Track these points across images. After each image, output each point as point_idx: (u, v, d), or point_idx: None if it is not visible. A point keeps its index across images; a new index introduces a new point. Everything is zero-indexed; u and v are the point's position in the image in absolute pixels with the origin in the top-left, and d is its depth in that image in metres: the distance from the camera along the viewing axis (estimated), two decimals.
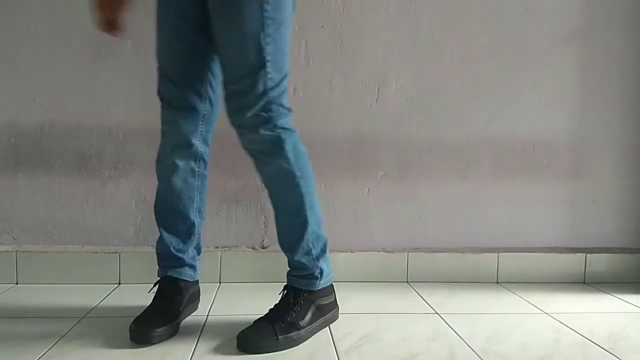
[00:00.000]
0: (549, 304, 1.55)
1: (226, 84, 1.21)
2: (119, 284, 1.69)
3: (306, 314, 1.26)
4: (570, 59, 1.81)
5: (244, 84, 1.17)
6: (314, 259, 1.28)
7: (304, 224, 1.26)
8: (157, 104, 1.68)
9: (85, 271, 1.67)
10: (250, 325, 1.22)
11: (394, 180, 1.78)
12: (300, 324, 1.24)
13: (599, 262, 1.81)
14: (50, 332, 1.27)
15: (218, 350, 1.18)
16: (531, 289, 1.71)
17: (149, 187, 1.71)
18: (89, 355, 1.14)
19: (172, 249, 1.35)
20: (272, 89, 1.17)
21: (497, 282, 1.79)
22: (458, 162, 1.79)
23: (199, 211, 1.39)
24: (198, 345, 1.20)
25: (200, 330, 1.30)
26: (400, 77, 1.76)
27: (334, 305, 1.35)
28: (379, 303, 1.54)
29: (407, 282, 1.76)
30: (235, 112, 1.21)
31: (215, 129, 1.66)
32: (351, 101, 1.75)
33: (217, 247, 1.73)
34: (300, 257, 1.28)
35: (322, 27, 1.71)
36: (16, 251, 1.67)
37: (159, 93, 1.33)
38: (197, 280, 1.42)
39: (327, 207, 1.74)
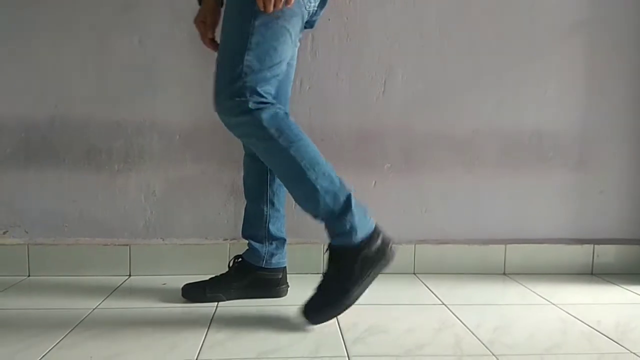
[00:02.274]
0: (556, 295, 1.56)
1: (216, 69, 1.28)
2: (129, 275, 1.71)
3: (353, 271, 1.25)
4: (576, 51, 1.80)
5: (222, 67, 1.25)
6: (337, 218, 1.26)
7: (311, 189, 1.24)
8: (164, 98, 1.71)
9: (96, 263, 1.70)
10: (310, 296, 1.29)
11: (400, 172, 1.78)
12: (350, 282, 1.25)
13: (607, 254, 1.81)
14: (62, 323, 1.28)
15: (227, 340, 1.19)
16: (538, 280, 1.71)
17: (158, 180, 1.73)
18: (100, 346, 1.16)
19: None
20: (248, 75, 1.21)
21: (504, 274, 1.79)
22: (464, 154, 1.79)
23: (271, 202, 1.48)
24: (207, 336, 1.22)
25: (209, 321, 1.31)
26: (406, 70, 1.75)
27: (384, 245, 1.29)
28: (386, 294, 1.54)
29: (413, 273, 1.77)
30: (214, 95, 1.26)
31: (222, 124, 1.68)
32: (357, 94, 1.75)
33: (225, 239, 1.75)
34: (325, 219, 1.28)
35: (329, 20, 1.70)
36: (28, 244, 1.70)
37: None
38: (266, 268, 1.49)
39: None
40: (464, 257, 1.77)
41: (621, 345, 1.19)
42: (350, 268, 1.26)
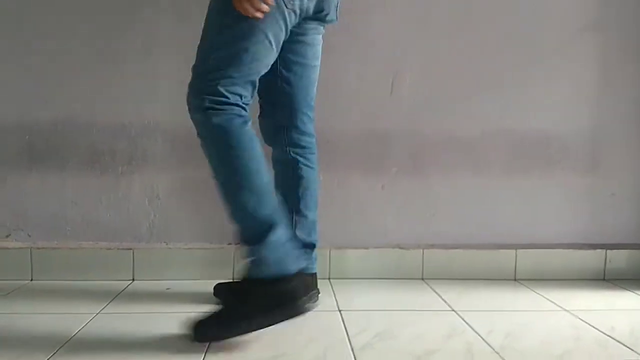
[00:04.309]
0: (569, 301, 1.53)
1: None
2: (133, 280, 1.69)
3: (246, 301, 1.17)
4: (585, 52, 1.77)
5: (195, 61, 1.25)
6: (246, 242, 1.19)
7: (238, 207, 1.20)
8: (168, 100, 1.69)
9: (99, 267, 1.68)
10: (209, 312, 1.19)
11: (408, 176, 1.76)
12: (243, 311, 1.16)
13: (619, 259, 1.78)
14: (65, 328, 1.27)
15: (232, 346, 1.17)
16: (550, 286, 1.68)
17: (162, 183, 1.71)
18: (103, 351, 1.14)
19: None
20: (212, 73, 1.20)
21: (514, 279, 1.76)
22: (473, 156, 1.77)
23: None
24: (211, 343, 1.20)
25: None
26: (413, 72, 1.73)
27: (294, 296, 1.18)
28: (394, 300, 1.52)
29: (422, 278, 1.74)
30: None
31: None
32: (365, 97, 1.73)
33: (230, 244, 1.72)
34: (239, 237, 1.22)
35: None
36: (31, 248, 1.68)
37: None
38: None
39: (341, 203, 1.73)
40: (474, 262, 1.74)
41: (636, 352, 1.17)
42: (250, 298, 1.17)
